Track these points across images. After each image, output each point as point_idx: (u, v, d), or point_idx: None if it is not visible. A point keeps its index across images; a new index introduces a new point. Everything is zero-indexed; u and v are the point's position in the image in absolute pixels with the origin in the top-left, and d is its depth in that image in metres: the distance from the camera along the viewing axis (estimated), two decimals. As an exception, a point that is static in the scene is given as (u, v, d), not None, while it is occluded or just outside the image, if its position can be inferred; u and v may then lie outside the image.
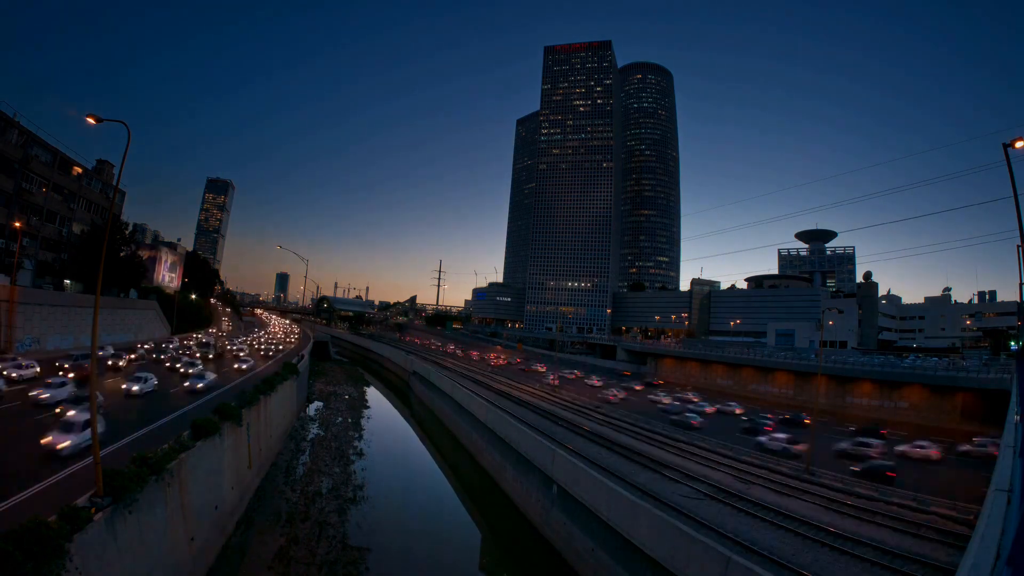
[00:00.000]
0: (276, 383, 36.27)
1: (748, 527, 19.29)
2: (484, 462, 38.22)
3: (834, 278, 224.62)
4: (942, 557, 16.69)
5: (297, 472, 33.35)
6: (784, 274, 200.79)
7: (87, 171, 62.93)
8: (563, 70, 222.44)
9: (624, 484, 22.97)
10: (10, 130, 48.08)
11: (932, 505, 22.23)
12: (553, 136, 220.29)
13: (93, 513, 12.61)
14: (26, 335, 43.67)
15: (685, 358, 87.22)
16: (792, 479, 26.38)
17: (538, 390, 58.53)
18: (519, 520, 29.06)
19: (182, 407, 27.73)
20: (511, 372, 79.30)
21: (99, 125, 15.20)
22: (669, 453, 31.15)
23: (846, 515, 21.01)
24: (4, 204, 48.03)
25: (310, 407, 55.95)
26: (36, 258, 53.75)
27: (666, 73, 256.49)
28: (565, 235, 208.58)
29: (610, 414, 44.75)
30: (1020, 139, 17.14)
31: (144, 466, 15.40)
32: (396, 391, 79.61)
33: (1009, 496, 9.17)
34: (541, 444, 29.07)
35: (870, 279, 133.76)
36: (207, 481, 20.62)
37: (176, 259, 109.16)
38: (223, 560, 20.78)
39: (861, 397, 56.18)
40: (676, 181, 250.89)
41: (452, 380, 55.47)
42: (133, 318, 65.87)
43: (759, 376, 70.85)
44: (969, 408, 47.36)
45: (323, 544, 23.32)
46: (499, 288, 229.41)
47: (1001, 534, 7.35)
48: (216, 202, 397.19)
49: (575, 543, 23.25)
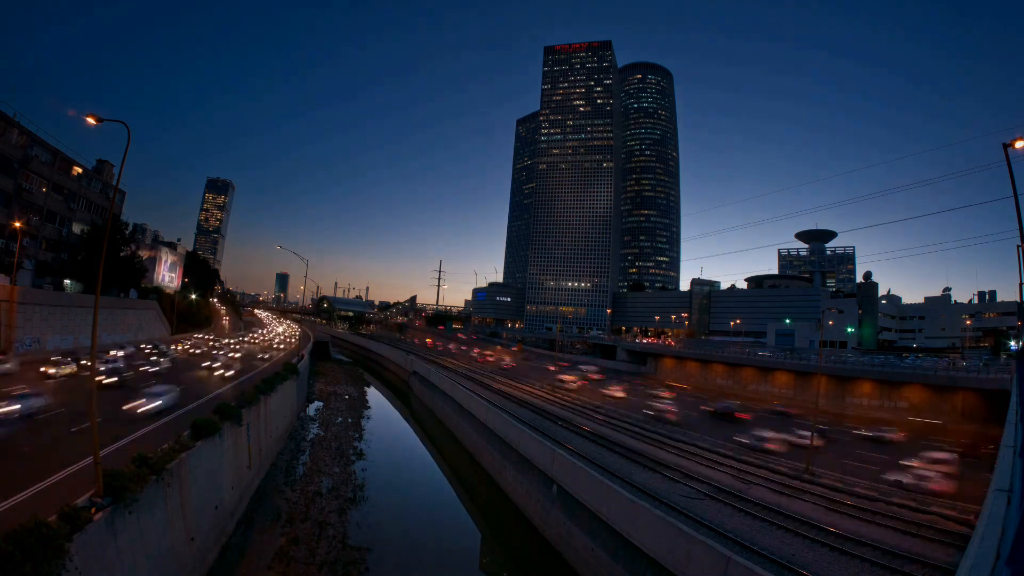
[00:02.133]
0: (276, 383, 36.30)
1: (748, 527, 19.30)
2: (484, 462, 38.21)
3: (834, 278, 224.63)
4: (941, 558, 16.70)
5: (297, 472, 33.35)
6: (784, 274, 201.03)
7: (87, 171, 62.94)
8: (563, 70, 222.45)
9: (624, 484, 22.98)
10: (10, 130, 48.09)
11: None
12: (553, 136, 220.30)
13: (93, 513, 12.61)
14: (26, 335, 43.68)
15: (685, 358, 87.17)
16: (792, 479, 26.39)
17: (538, 390, 58.51)
18: (519, 520, 29.05)
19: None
20: (514, 372, 79.24)
21: (99, 125, 15.19)
22: (669, 453, 31.16)
23: (845, 515, 21.03)
24: (4, 204, 48.05)
25: (310, 407, 55.95)
26: (36, 258, 53.76)
27: (666, 73, 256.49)
28: (565, 235, 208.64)
29: (610, 413, 44.75)
30: (1020, 139, 17.14)
31: (144, 466, 15.41)
32: (396, 391, 79.61)
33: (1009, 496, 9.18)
34: (541, 444, 29.07)
35: (870, 279, 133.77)
36: (207, 481, 20.62)
37: (176, 259, 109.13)
38: (223, 560, 20.78)
39: (861, 397, 56.14)
40: (676, 181, 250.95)
41: (452, 380, 55.46)
42: (133, 318, 65.90)
43: (759, 376, 70.81)
44: (969, 408, 47.32)
45: (323, 544, 23.32)
46: (499, 288, 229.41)
47: (1001, 534, 7.35)
48: (216, 202, 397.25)
49: (575, 543, 23.24)
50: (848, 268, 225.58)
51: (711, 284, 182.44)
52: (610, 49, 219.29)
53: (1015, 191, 17.57)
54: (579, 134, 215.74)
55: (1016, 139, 17.16)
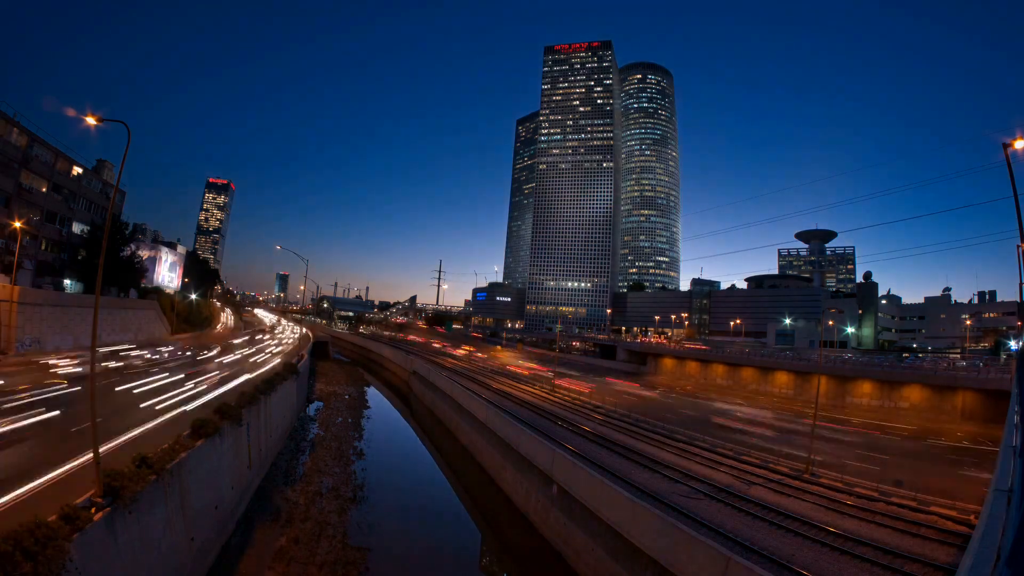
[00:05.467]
0: (276, 383, 36.27)
1: (748, 527, 19.30)
2: (484, 462, 38.21)
3: (834, 278, 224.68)
4: (943, 558, 16.71)
5: (297, 472, 33.35)
6: (784, 274, 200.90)
7: (87, 171, 62.91)
8: (563, 70, 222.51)
9: (623, 484, 22.98)
10: (10, 130, 48.08)
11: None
12: (553, 136, 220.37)
13: (93, 513, 12.62)
14: (26, 335, 43.65)
15: (685, 358, 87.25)
16: (792, 479, 26.38)
17: (538, 390, 58.50)
18: (519, 520, 29.04)
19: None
20: (514, 373, 79.20)
21: (99, 125, 15.18)
22: (668, 452, 31.17)
23: (845, 515, 21.04)
24: (4, 204, 48.04)
25: (310, 407, 55.93)
26: (36, 258, 53.74)
27: (666, 73, 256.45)
28: (565, 235, 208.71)
29: (610, 413, 44.74)
30: (1020, 138, 17.14)
31: (144, 466, 15.41)
32: (396, 391, 79.60)
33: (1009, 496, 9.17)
34: (541, 444, 29.07)
35: (870, 279, 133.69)
36: (207, 481, 20.62)
37: (176, 259, 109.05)
38: (223, 560, 20.78)
39: (861, 397, 56.20)
40: (676, 181, 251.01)
41: (452, 380, 55.45)
42: (133, 318, 65.82)
43: (759, 376, 70.85)
44: (969, 408, 47.38)
45: (323, 544, 23.32)
46: (499, 288, 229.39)
47: (1001, 534, 7.35)
48: (216, 202, 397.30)
49: (575, 543, 23.24)
50: (848, 268, 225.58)
51: (711, 284, 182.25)
52: (610, 49, 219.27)
53: (1015, 190, 17.57)
54: (579, 134, 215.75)
55: (1016, 138, 17.16)
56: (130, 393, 28.70)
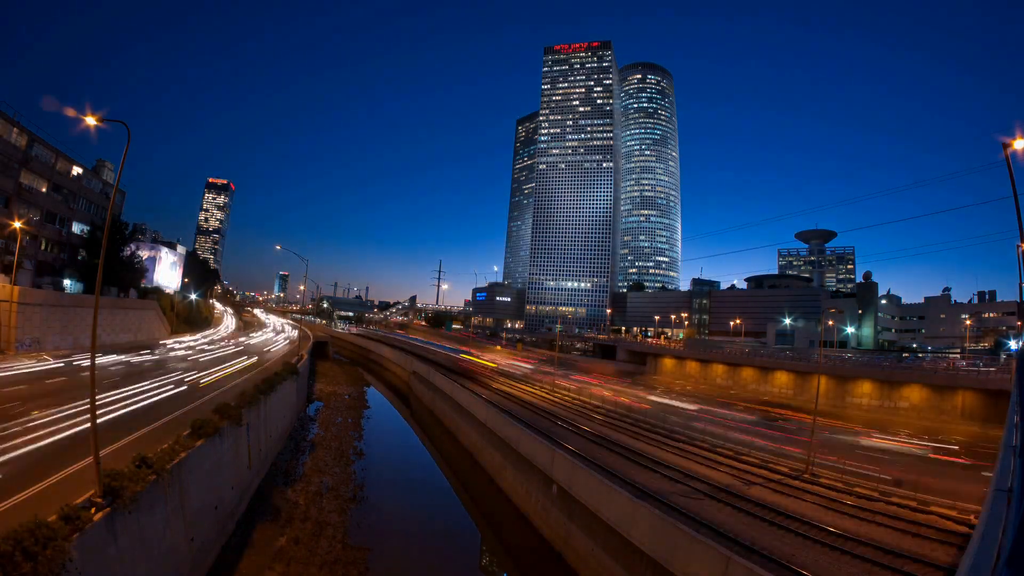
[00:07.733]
0: (276, 383, 36.27)
1: (748, 527, 19.29)
2: (484, 461, 38.20)
3: (834, 278, 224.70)
4: (943, 558, 16.70)
5: (297, 472, 33.35)
6: (784, 274, 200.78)
7: (87, 171, 62.94)
8: (563, 70, 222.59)
9: (623, 484, 22.95)
10: (10, 130, 48.07)
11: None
12: (553, 136, 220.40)
13: (93, 514, 12.61)
14: (26, 335, 43.65)
15: (685, 358, 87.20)
16: (792, 479, 26.38)
17: (538, 390, 58.46)
18: (519, 520, 29.04)
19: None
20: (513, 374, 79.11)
21: (99, 125, 15.17)
22: (668, 452, 31.15)
23: (845, 515, 21.04)
24: (4, 204, 48.03)
25: (310, 407, 55.93)
26: (36, 258, 53.74)
27: (666, 73, 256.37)
28: (565, 235, 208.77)
29: (609, 413, 44.72)
30: (1020, 138, 17.13)
31: (144, 466, 15.40)
32: (396, 391, 79.60)
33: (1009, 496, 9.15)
34: (541, 444, 29.07)
35: (870, 279, 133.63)
36: (207, 481, 20.61)
37: (176, 259, 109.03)
38: (223, 560, 20.78)
39: (861, 397, 56.14)
40: (676, 181, 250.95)
41: (452, 380, 55.42)
42: (133, 318, 65.81)
43: (759, 376, 70.81)
44: (969, 408, 47.34)
45: (323, 544, 23.32)
46: (499, 288, 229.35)
47: (1001, 534, 7.34)
48: (216, 202, 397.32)
49: (575, 543, 23.24)
50: (848, 268, 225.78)
51: (711, 284, 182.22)
52: (610, 49, 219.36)
53: (1015, 190, 17.57)
54: (579, 134, 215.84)
55: (1016, 138, 17.15)
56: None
